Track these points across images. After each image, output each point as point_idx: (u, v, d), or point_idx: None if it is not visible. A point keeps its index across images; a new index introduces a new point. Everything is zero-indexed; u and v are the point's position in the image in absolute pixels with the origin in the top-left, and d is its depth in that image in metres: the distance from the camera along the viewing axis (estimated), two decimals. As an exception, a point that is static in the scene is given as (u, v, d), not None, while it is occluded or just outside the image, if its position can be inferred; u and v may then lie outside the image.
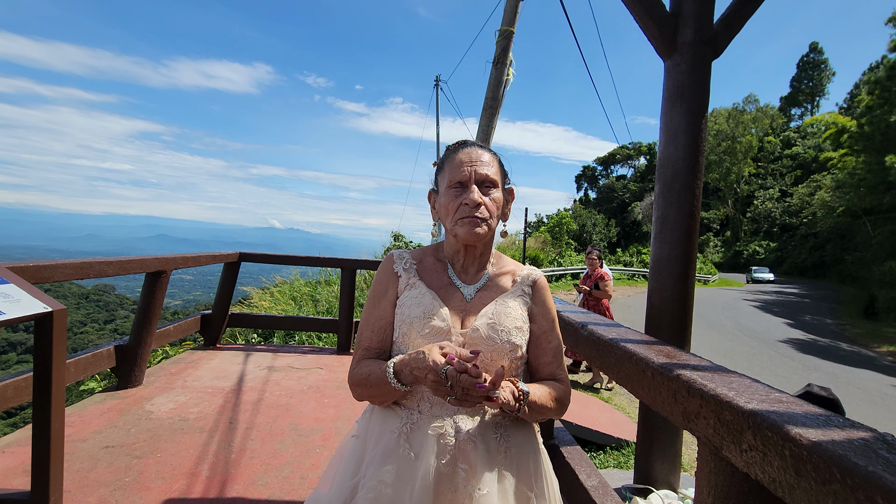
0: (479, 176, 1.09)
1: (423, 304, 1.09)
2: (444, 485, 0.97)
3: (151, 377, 3.55)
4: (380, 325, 1.14)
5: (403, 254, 1.21)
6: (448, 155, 1.15)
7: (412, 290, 1.13)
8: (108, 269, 2.83)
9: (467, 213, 1.08)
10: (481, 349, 1.05)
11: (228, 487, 2.21)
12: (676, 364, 1.07)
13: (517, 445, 1.07)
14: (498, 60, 6.45)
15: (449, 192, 1.11)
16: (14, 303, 1.78)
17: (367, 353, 1.14)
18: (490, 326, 1.08)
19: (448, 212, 1.11)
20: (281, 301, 7.92)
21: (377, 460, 1.02)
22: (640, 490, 2.42)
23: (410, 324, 1.08)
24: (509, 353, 1.08)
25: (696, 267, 2.53)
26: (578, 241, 37.38)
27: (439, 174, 1.17)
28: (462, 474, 0.98)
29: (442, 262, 1.20)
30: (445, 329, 1.07)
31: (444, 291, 1.14)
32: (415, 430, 1.03)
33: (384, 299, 1.16)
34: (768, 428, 0.74)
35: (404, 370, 0.99)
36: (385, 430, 1.06)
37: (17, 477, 2.15)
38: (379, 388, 1.04)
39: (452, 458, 0.99)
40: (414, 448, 1.01)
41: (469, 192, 1.08)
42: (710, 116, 49.35)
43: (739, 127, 48.65)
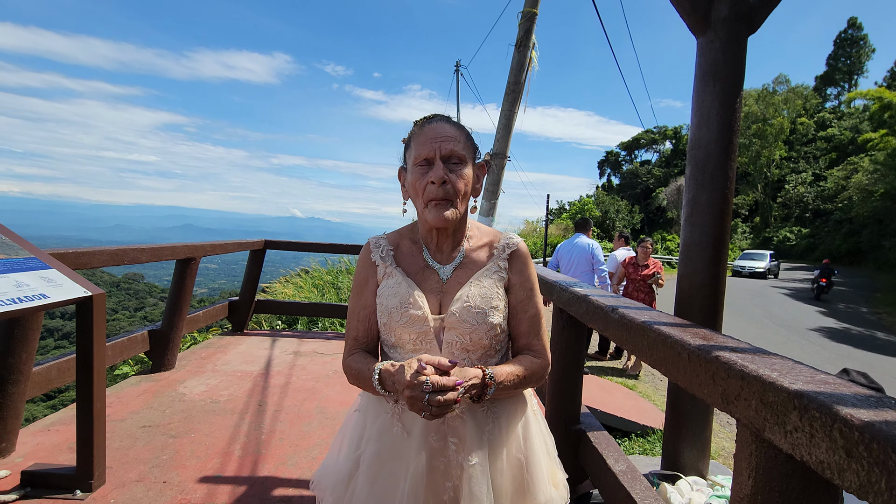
0: (445, 151, 1.06)
1: (399, 294, 1.10)
2: (436, 458, 1.03)
3: (183, 361, 3.67)
4: (364, 315, 1.17)
5: (380, 241, 1.20)
6: (414, 131, 1.12)
7: (389, 280, 1.14)
8: (142, 256, 2.91)
9: (434, 193, 1.06)
10: (460, 331, 1.08)
11: (260, 467, 2.28)
12: (714, 346, 1.04)
13: (505, 415, 1.11)
14: (520, 43, 6.33)
15: (415, 170, 1.08)
16: (56, 287, 1.85)
17: (356, 343, 1.17)
18: (465, 310, 1.08)
19: (416, 191, 1.09)
20: (304, 289, 8.04)
21: (374, 438, 1.08)
22: (668, 476, 2.40)
23: (389, 314, 1.10)
24: (487, 333, 1.10)
25: (728, 251, 2.46)
26: (601, 227, 36.82)
27: (406, 150, 1.14)
28: (452, 448, 1.04)
29: (417, 244, 1.19)
30: (422, 317, 1.08)
31: (421, 275, 1.15)
32: (405, 410, 1.07)
33: (365, 289, 1.17)
34: (816, 409, 0.71)
35: (387, 380, 1.01)
36: (380, 409, 1.11)
37: (62, 453, 2.26)
38: (368, 387, 1.07)
39: (442, 434, 1.05)
40: (406, 427, 1.07)
41: (435, 168, 1.05)
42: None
43: (770, 109, 46.85)
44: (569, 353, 2.21)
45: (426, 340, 1.09)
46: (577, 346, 2.22)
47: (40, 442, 2.34)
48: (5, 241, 1.88)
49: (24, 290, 1.69)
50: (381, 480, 1.05)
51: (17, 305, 1.60)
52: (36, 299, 1.69)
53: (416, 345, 1.09)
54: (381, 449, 1.06)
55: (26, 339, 2.13)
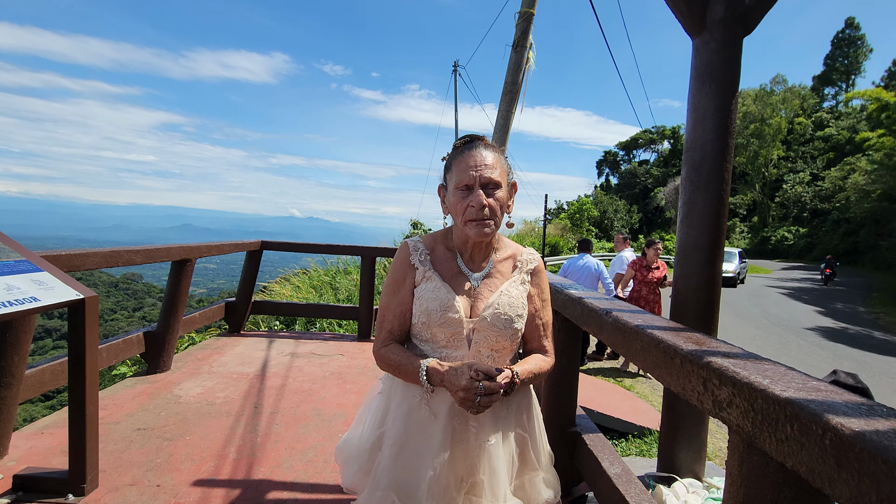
0: (483, 180, 1.18)
1: (439, 298, 1.23)
2: (458, 438, 1.21)
3: (179, 363, 3.65)
4: (401, 311, 1.29)
5: (418, 244, 1.31)
6: (455, 156, 1.24)
7: (429, 283, 1.26)
8: (136, 258, 2.90)
9: (474, 215, 1.18)
10: (489, 333, 1.24)
11: (255, 470, 2.27)
12: (706, 351, 1.03)
13: (516, 402, 1.30)
14: (517, 44, 6.32)
15: (457, 194, 1.21)
16: (48, 290, 1.84)
17: (391, 335, 1.31)
18: (496, 316, 1.24)
19: (457, 211, 1.22)
20: (302, 290, 8.03)
21: (399, 419, 1.24)
22: (664, 478, 2.39)
23: (429, 315, 1.23)
24: (511, 336, 1.27)
25: (723, 253, 2.45)
26: (599, 227, 36.85)
27: (448, 172, 1.26)
28: (473, 430, 1.21)
29: (451, 252, 1.32)
30: (458, 319, 1.22)
31: (455, 280, 1.28)
32: (434, 397, 1.23)
33: (403, 287, 1.29)
34: (807, 417, 0.71)
35: (435, 377, 1.16)
36: (408, 393, 1.25)
37: (55, 456, 2.24)
38: (408, 377, 1.22)
39: (465, 418, 1.21)
40: (434, 410, 1.22)
41: (475, 195, 1.18)
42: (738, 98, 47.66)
43: (767, 109, 46.90)
44: (564, 356, 2.20)
45: (457, 339, 1.24)
46: (572, 348, 2.21)
47: (33, 445, 2.33)
48: (-4, 244, 1.86)
49: (15, 294, 1.68)
50: (405, 454, 1.21)
51: (6, 309, 1.59)
52: (26, 303, 1.68)
53: (448, 342, 1.24)
54: (408, 427, 1.22)
55: (18, 342, 2.11)
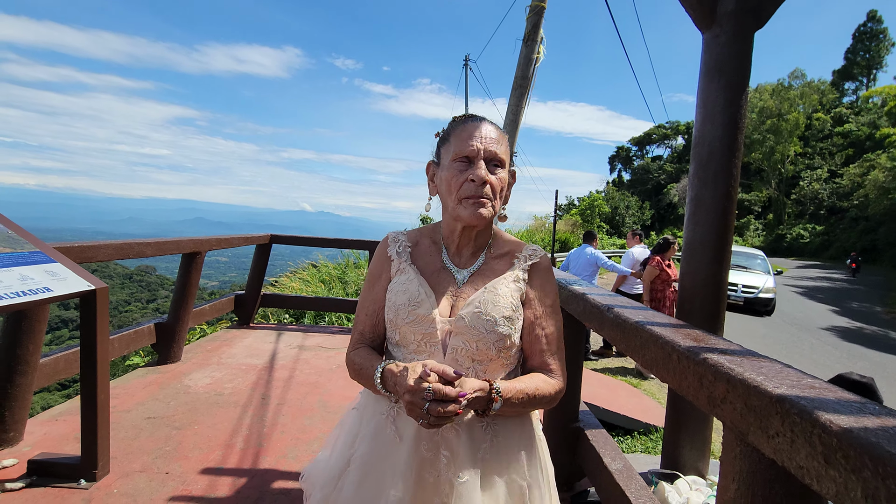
0: (488, 153, 1.03)
1: (408, 292, 1.06)
2: (426, 470, 0.98)
3: (189, 354, 3.72)
4: (373, 310, 1.13)
5: (399, 236, 1.17)
6: (455, 125, 1.08)
7: (401, 276, 1.10)
8: (147, 250, 2.95)
9: (472, 191, 1.02)
10: (467, 337, 1.03)
11: (261, 459, 2.31)
12: (703, 348, 1.03)
13: (505, 434, 1.05)
14: (528, 38, 6.27)
15: (453, 166, 1.04)
16: (60, 281, 1.88)
17: (362, 337, 1.14)
18: (475, 315, 1.03)
19: (451, 188, 1.04)
20: (311, 283, 8.10)
21: (366, 438, 1.06)
22: (667, 475, 2.39)
23: (396, 311, 1.06)
24: (496, 344, 1.03)
25: (731, 250, 2.43)
26: (611, 224, 36.57)
27: (443, 145, 1.09)
28: (444, 461, 0.98)
29: (437, 245, 1.16)
30: (430, 318, 1.04)
31: (436, 276, 1.11)
32: (401, 414, 1.03)
33: (378, 283, 1.14)
34: (797, 414, 0.71)
35: (389, 380, 0.98)
36: (376, 410, 1.08)
37: (68, 443, 2.31)
38: (369, 384, 1.05)
39: (435, 445, 0.99)
40: (399, 431, 1.03)
41: (476, 167, 1.02)
42: (754, 93, 46.80)
43: (785, 104, 46.02)
44: (567, 351, 2.20)
45: (431, 343, 1.04)
46: (575, 343, 2.21)
47: (48, 431, 2.40)
48: (10, 235, 1.91)
49: (29, 284, 1.72)
50: (368, 483, 1.02)
51: (21, 299, 1.64)
52: (40, 293, 1.73)
53: (420, 346, 1.05)
54: (372, 450, 1.04)
55: (33, 331, 2.17)
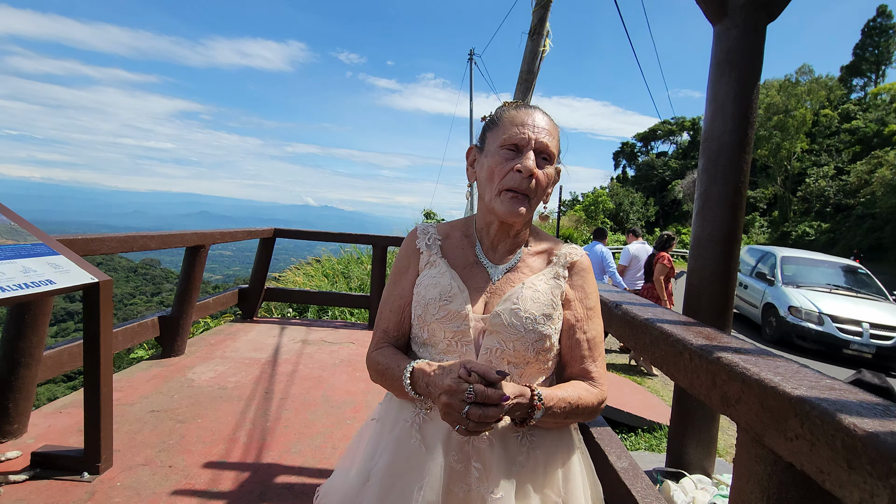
0: (539, 144, 0.96)
1: (440, 285, 0.99)
2: (455, 483, 0.90)
3: (193, 347, 3.72)
4: (398, 305, 1.06)
5: (428, 228, 1.10)
6: (506, 110, 1.00)
7: (431, 269, 1.03)
8: (151, 243, 2.94)
9: (516, 182, 0.94)
10: (503, 337, 0.95)
11: (264, 454, 2.30)
12: (717, 346, 1.01)
13: (544, 446, 0.96)
14: (534, 31, 6.21)
15: (499, 153, 0.96)
16: (64, 273, 1.87)
17: (386, 335, 1.06)
18: (513, 312, 0.95)
19: (493, 176, 0.97)
20: (315, 277, 8.10)
21: (389, 449, 0.97)
22: (673, 474, 2.37)
23: (426, 306, 0.99)
24: (534, 344, 0.96)
25: (739, 247, 2.40)
26: (615, 220, 36.43)
27: (490, 129, 1.01)
28: (475, 474, 0.90)
29: (470, 239, 1.08)
30: (462, 314, 0.96)
31: (468, 271, 1.03)
32: (428, 422, 0.96)
33: (404, 277, 1.07)
34: (818, 416, 0.68)
35: (420, 380, 0.90)
36: (400, 417, 0.99)
37: (72, 435, 2.30)
38: (394, 386, 0.98)
39: (465, 456, 0.91)
40: (426, 440, 0.94)
41: (524, 157, 0.94)
42: (761, 89, 46.43)
43: (792, 100, 45.61)
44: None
45: (463, 342, 0.97)
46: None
47: (52, 424, 2.40)
48: (14, 227, 1.90)
49: (31, 276, 1.71)
50: (391, 498, 0.92)
51: (23, 291, 1.62)
52: (42, 285, 1.71)
53: (450, 345, 0.97)
54: (395, 462, 0.94)
55: (36, 323, 2.16)
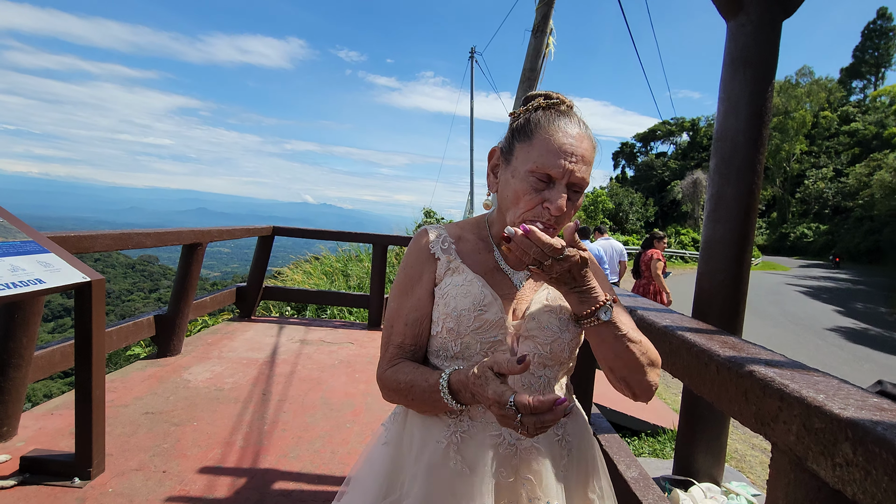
0: (575, 178, 0.84)
1: (471, 294, 0.90)
2: (505, 498, 0.86)
3: (189, 346, 3.65)
4: (414, 318, 0.95)
5: (440, 231, 1.00)
6: (543, 123, 0.86)
7: (456, 276, 0.94)
8: (147, 241, 2.87)
9: (544, 218, 0.85)
10: (539, 340, 0.90)
11: (261, 458, 2.24)
12: (746, 358, 0.95)
13: (577, 445, 0.95)
14: (537, 29, 6.15)
15: (528, 179, 0.85)
16: (54, 272, 1.80)
17: (401, 351, 0.95)
18: (548, 313, 0.91)
19: (518, 201, 0.87)
20: (313, 276, 8.02)
21: (422, 476, 0.87)
22: (681, 482, 2.31)
23: (458, 318, 0.90)
24: (570, 343, 0.92)
25: (752, 249, 2.34)
26: (614, 220, 36.42)
27: (520, 140, 0.88)
28: (526, 486, 0.86)
29: (486, 243, 1.00)
30: (498, 322, 0.90)
31: (492, 277, 0.95)
32: (467, 440, 0.88)
33: (418, 286, 0.96)
34: (874, 442, 0.62)
35: (463, 391, 0.81)
36: (429, 439, 0.90)
37: (63, 438, 2.23)
38: (426, 402, 0.87)
39: (513, 469, 0.86)
40: (468, 461, 0.86)
41: (556, 193, 0.84)
42: (761, 90, 46.45)
43: (792, 101, 45.67)
44: (581, 353, 2.12)
45: (499, 352, 0.90)
46: (588, 347, 2.13)
47: (43, 426, 2.33)
48: (2, 224, 1.83)
49: (20, 275, 1.64)
50: None
51: (10, 291, 1.55)
52: (31, 284, 1.64)
53: (486, 356, 0.90)
54: (433, 490, 0.85)
55: (26, 323, 2.09)
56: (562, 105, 0.91)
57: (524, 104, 0.94)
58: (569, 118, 0.88)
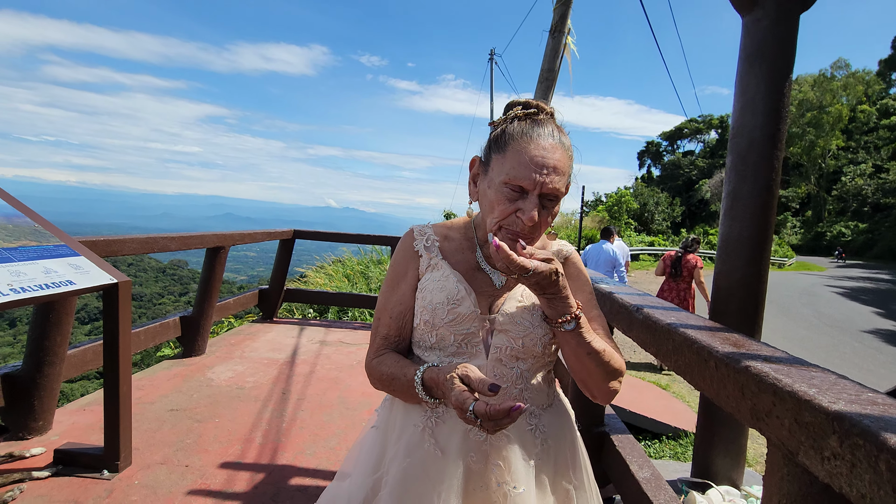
0: (547, 189, 0.86)
1: (446, 289, 0.96)
2: (475, 483, 0.90)
3: (213, 347, 3.77)
4: (398, 311, 1.02)
5: (425, 229, 1.06)
6: (514, 134, 0.89)
7: (434, 272, 1.00)
8: (171, 244, 2.98)
9: (517, 227, 0.88)
10: (512, 334, 0.95)
11: (279, 455, 2.30)
12: (745, 354, 0.94)
13: (553, 436, 0.99)
14: (555, 29, 6.13)
15: (502, 190, 0.88)
16: (84, 274, 1.90)
17: (386, 342, 1.02)
18: (520, 309, 0.95)
19: (493, 209, 0.90)
20: (335, 278, 8.16)
21: (400, 456, 0.94)
22: (699, 484, 2.27)
23: (433, 310, 0.96)
24: (542, 339, 0.95)
25: (770, 248, 2.28)
26: (639, 220, 35.73)
27: (496, 152, 0.91)
28: (495, 471, 0.90)
29: (470, 241, 1.04)
30: (471, 315, 0.95)
31: (471, 275, 1.01)
32: (440, 424, 0.94)
33: (403, 282, 1.03)
34: (859, 434, 0.62)
35: (435, 388, 0.87)
36: (408, 423, 0.96)
37: (94, 433, 2.35)
38: (405, 393, 0.94)
39: (483, 455, 0.91)
40: (440, 444, 0.92)
41: (529, 205, 0.86)
42: (794, 84, 44.86)
43: (827, 95, 44.00)
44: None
45: (472, 344, 0.96)
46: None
47: (75, 421, 2.45)
48: (37, 229, 1.94)
49: (52, 277, 1.74)
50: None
51: (44, 291, 1.65)
52: (63, 286, 1.74)
53: (460, 347, 0.96)
54: (409, 470, 0.92)
55: (60, 322, 2.21)
56: (539, 114, 0.92)
57: (504, 112, 0.96)
58: (543, 128, 0.89)
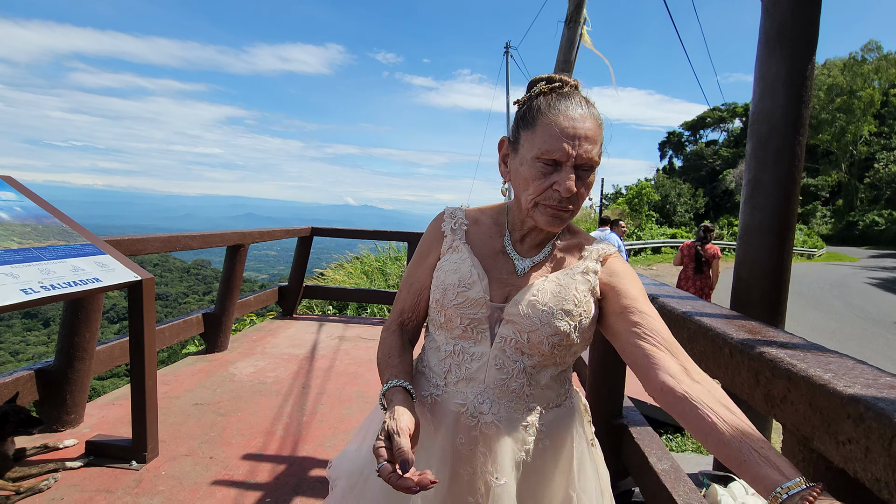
0: (582, 159, 0.84)
1: (459, 272, 0.95)
2: (462, 464, 0.92)
3: (235, 343, 3.86)
4: (416, 288, 1.04)
5: (456, 212, 1.05)
6: (544, 109, 0.87)
7: (453, 255, 0.99)
8: (193, 243, 3.06)
9: (555, 201, 0.86)
10: (518, 327, 0.91)
11: (300, 447, 2.35)
12: (760, 340, 0.92)
13: (553, 437, 0.95)
14: (570, 19, 6.04)
15: (535, 165, 0.86)
16: (109, 271, 1.97)
17: (401, 315, 1.05)
18: (530, 303, 0.90)
19: (527, 185, 0.88)
20: (354, 275, 8.24)
21: None
22: (720, 477, 2.23)
23: (444, 291, 0.95)
24: (550, 338, 0.89)
25: (794, 237, 2.22)
26: (661, 212, 35.05)
27: (524, 128, 0.89)
28: (481, 458, 0.90)
29: (500, 227, 1.03)
30: (479, 301, 0.93)
31: (493, 260, 0.98)
32: (437, 404, 0.96)
33: (425, 261, 1.04)
34: (873, 418, 0.60)
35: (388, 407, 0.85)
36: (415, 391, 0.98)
37: (123, 426, 2.43)
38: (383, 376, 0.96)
39: (472, 440, 0.91)
40: (435, 420, 0.95)
41: (564, 176, 0.84)
42: (822, 69, 43.34)
43: (858, 79, 42.34)
44: (609, 350, 2.09)
45: (478, 329, 0.94)
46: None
47: (105, 415, 2.54)
48: (65, 229, 2.02)
49: (80, 275, 1.81)
50: None
51: (72, 289, 1.72)
52: (90, 283, 1.81)
53: (466, 331, 0.95)
54: None
55: (89, 319, 2.29)
56: (564, 87, 0.90)
57: (528, 90, 0.94)
58: (570, 99, 0.87)
